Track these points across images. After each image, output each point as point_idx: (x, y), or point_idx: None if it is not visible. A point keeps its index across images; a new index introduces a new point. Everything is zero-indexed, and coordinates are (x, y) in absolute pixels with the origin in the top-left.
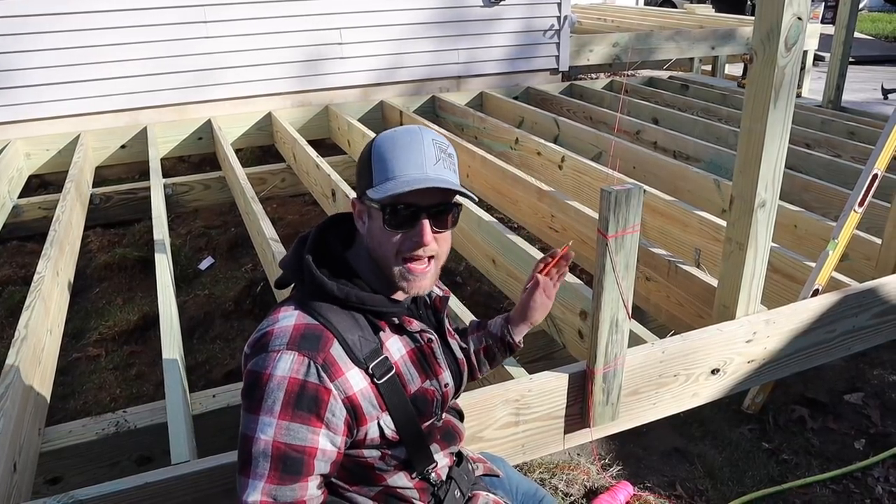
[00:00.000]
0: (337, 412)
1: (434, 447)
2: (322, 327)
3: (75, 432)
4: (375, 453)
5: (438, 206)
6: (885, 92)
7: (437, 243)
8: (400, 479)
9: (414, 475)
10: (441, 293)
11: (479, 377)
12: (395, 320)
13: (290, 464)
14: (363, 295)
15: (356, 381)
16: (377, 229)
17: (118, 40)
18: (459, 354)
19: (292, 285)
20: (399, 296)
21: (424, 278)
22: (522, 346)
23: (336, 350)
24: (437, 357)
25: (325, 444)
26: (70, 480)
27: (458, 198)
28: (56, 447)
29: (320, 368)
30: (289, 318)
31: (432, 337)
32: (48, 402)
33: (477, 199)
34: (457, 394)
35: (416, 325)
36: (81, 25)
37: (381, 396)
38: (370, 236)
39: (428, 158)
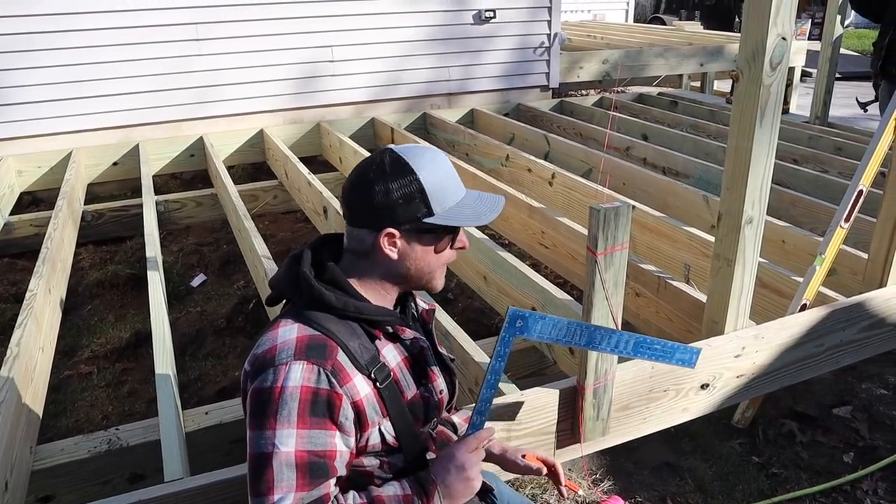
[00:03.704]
0: (349, 416)
1: (430, 456)
2: (325, 336)
3: (67, 450)
4: (375, 461)
5: None
6: (862, 105)
7: None
8: None
9: None
10: (427, 306)
11: None
12: (389, 329)
13: (316, 469)
14: (360, 304)
15: (361, 386)
16: (426, 252)
17: (111, 58)
18: (450, 364)
19: (283, 302)
20: (388, 305)
21: None
22: None
23: (341, 357)
24: (430, 364)
25: (342, 446)
26: (62, 499)
27: None
28: (48, 465)
29: (330, 375)
30: (290, 331)
31: (424, 345)
32: (40, 419)
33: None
34: (450, 402)
35: (408, 332)
36: (75, 43)
37: (383, 402)
38: (415, 259)
39: (457, 176)
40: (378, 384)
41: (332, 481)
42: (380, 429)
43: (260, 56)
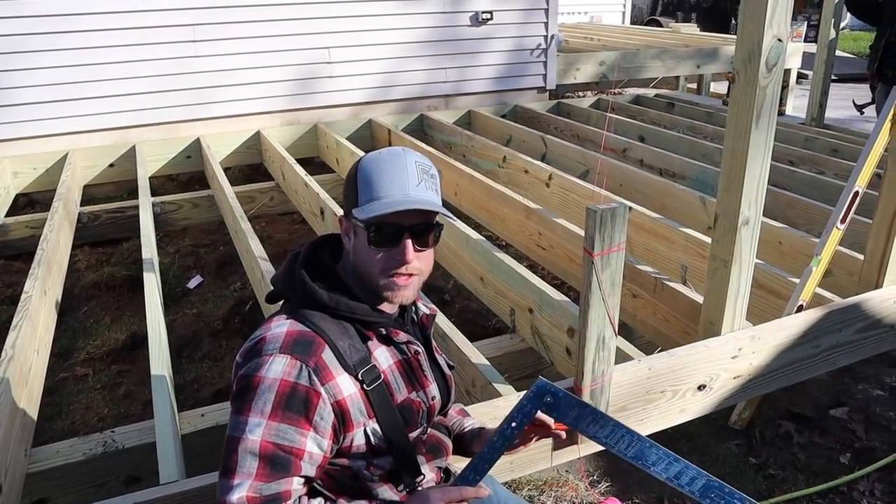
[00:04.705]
0: (325, 415)
1: (420, 459)
2: (314, 333)
3: (62, 453)
4: (361, 463)
5: (420, 225)
6: (859, 108)
7: (419, 261)
8: (385, 492)
9: (400, 488)
10: (428, 311)
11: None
12: (383, 331)
13: (278, 463)
14: (352, 304)
15: (346, 385)
16: (362, 247)
17: (107, 59)
18: (447, 371)
19: (282, 302)
20: (386, 307)
21: (407, 289)
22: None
23: (327, 355)
24: (424, 370)
25: (313, 447)
26: (57, 502)
27: (440, 217)
28: (43, 468)
29: (312, 372)
30: (281, 326)
31: (419, 349)
32: (35, 422)
33: (455, 218)
34: (444, 409)
35: (402, 336)
36: (71, 45)
37: (370, 403)
38: (355, 252)
39: (410, 180)
40: (365, 385)
41: (297, 479)
42: (365, 430)
43: (257, 57)
